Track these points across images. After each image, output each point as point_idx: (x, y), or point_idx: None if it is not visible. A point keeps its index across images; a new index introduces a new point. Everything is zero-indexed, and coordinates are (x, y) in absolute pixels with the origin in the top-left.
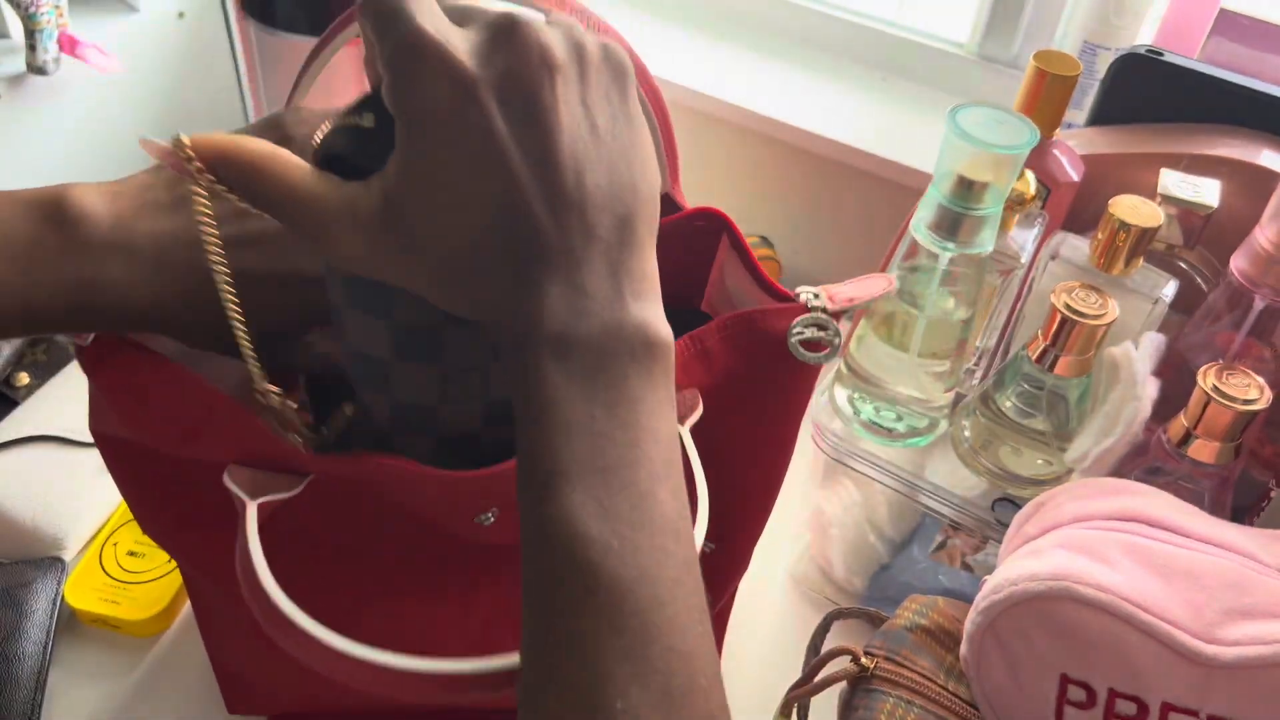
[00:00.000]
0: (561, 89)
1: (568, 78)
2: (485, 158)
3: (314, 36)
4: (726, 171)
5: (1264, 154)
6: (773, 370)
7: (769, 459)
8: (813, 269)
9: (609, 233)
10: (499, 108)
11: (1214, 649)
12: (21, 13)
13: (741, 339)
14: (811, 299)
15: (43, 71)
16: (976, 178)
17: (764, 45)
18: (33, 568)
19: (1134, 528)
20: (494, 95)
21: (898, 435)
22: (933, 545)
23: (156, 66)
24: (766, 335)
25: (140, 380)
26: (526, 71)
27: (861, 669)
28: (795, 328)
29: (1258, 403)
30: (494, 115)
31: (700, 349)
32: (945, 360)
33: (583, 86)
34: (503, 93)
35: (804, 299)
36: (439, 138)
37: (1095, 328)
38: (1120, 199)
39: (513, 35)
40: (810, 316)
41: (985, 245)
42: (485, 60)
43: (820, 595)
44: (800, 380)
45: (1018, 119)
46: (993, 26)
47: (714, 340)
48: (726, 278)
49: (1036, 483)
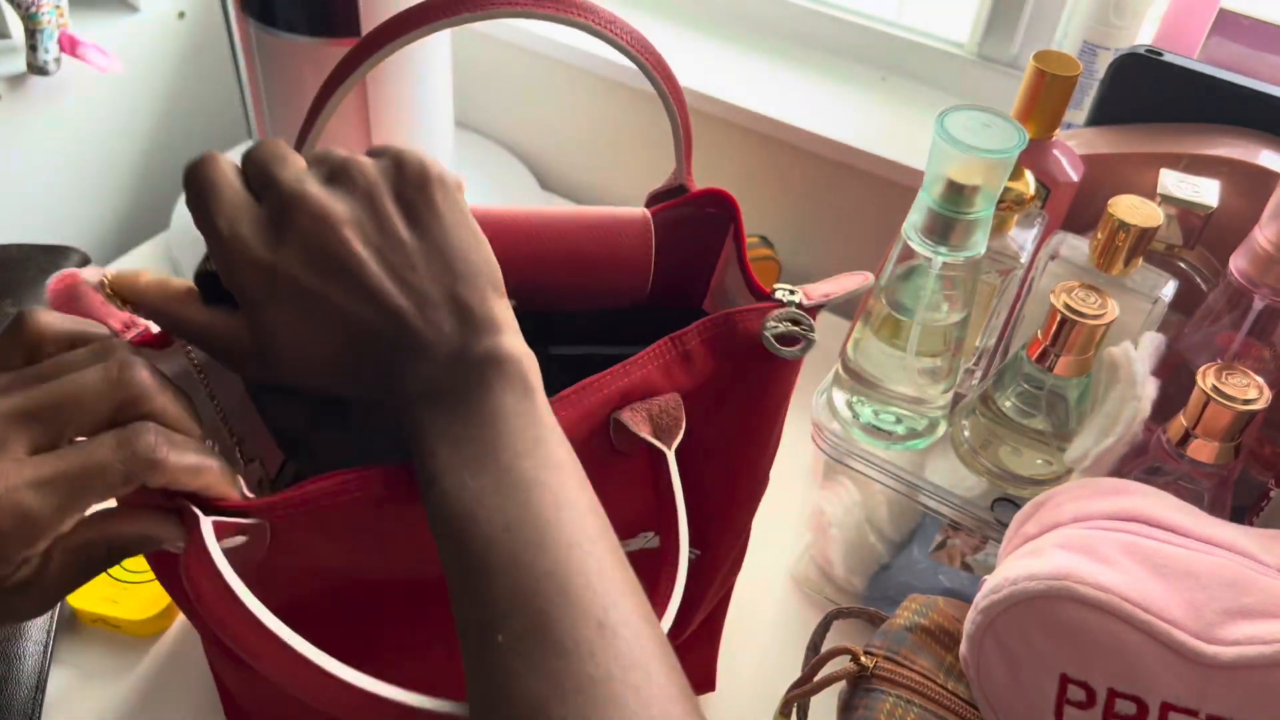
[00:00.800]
0: (350, 232)
1: (354, 220)
2: (311, 312)
3: (314, 37)
4: (727, 171)
5: (1263, 154)
6: (752, 369)
7: (751, 459)
8: (813, 269)
9: (444, 300)
10: (303, 271)
11: (1214, 649)
12: (22, 13)
13: (721, 341)
14: (787, 295)
15: (43, 71)
16: (966, 181)
17: (764, 45)
18: None
19: (1134, 527)
20: (296, 264)
21: (897, 438)
22: (932, 545)
23: (156, 66)
24: (746, 335)
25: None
26: (314, 235)
27: (861, 668)
28: (769, 322)
29: (1257, 403)
30: (301, 279)
31: (682, 351)
32: (943, 360)
33: (374, 217)
34: (302, 259)
35: (779, 295)
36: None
37: (1095, 328)
38: (1120, 199)
39: (295, 207)
40: (784, 311)
41: (978, 248)
42: (278, 239)
43: (820, 595)
44: (780, 378)
45: (1007, 121)
46: (992, 26)
47: (695, 342)
48: (727, 276)
49: (1036, 482)
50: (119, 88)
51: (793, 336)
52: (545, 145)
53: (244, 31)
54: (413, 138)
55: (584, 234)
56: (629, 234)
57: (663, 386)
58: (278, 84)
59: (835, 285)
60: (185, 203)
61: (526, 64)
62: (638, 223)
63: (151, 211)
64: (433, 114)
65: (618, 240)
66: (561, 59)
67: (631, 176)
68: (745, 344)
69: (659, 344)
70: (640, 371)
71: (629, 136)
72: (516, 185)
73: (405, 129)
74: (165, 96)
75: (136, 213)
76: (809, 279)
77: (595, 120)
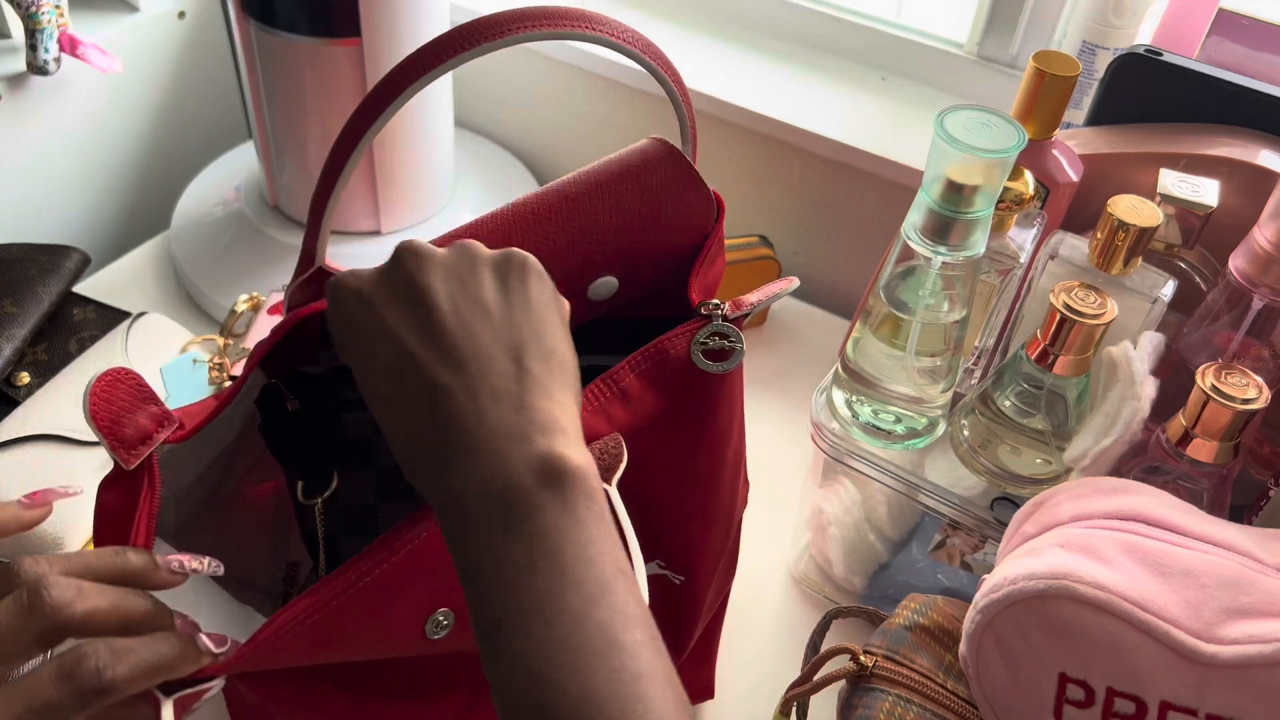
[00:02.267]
0: (436, 272)
1: (447, 265)
2: (381, 341)
3: (314, 37)
4: (727, 171)
5: (1262, 154)
6: (694, 391)
7: (714, 477)
8: (812, 269)
9: (505, 378)
10: (387, 302)
11: (1212, 648)
12: (22, 13)
13: (655, 370)
14: (711, 308)
15: (43, 71)
16: (966, 181)
17: (764, 45)
18: None
19: (1133, 527)
20: (385, 296)
21: (896, 437)
22: (932, 544)
23: (156, 66)
24: (679, 359)
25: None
26: (407, 270)
27: (861, 667)
28: (698, 338)
29: (1256, 402)
30: (383, 308)
31: (616, 390)
32: (942, 360)
33: (468, 271)
34: (392, 292)
35: (705, 311)
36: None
37: (1094, 327)
38: (1119, 199)
39: (402, 252)
40: (711, 326)
41: (977, 248)
42: (383, 277)
43: (819, 594)
44: (722, 392)
45: (1006, 121)
46: (992, 27)
47: (629, 379)
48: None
49: (1035, 482)
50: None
51: (721, 351)
52: (545, 145)
53: (244, 31)
54: (413, 137)
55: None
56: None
57: (603, 430)
58: (278, 84)
59: (760, 294)
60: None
61: (526, 64)
62: (660, 152)
63: (151, 211)
64: (433, 114)
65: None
66: (561, 59)
67: None
68: (680, 368)
69: (591, 388)
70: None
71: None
72: (516, 185)
73: (406, 129)
74: (165, 96)
75: (136, 213)
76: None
77: (595, 120)
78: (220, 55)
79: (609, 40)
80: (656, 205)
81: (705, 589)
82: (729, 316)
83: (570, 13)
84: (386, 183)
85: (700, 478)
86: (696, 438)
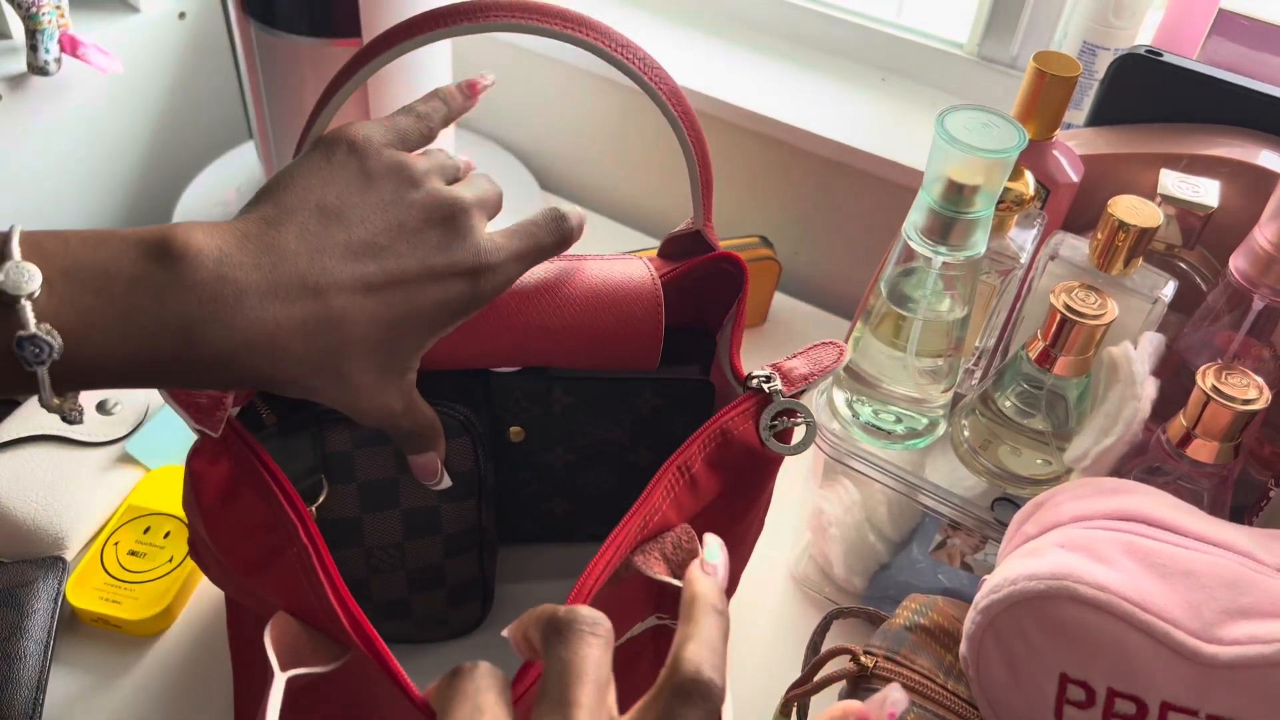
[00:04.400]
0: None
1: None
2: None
3: (314, 37)
4: (727, 171)
5: (1263, 154)
6: (751, 472)
7: (742, 544)
8: (812, 269)
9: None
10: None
11: (1213, 648)
12: (22, 13)
13: (719, 453)
14: (765, 383)
15: (44, 72)
16: (967, 181)
17: (764, 45)
18: (34, 567)
19: (1133, 527)
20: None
21: (896, 437)
22: (932, 545)
23: (157, 66)
24: (742, 441)
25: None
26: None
27: (861, 668)
28: (764, 421)
29: (1257, 402)
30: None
31: (688, 479)
32: (943, 360)
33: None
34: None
35: (756, 384)
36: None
37: (1094, 328)
38: (1119, 199)
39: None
40: (775, 406)
41: (978, 248)
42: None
43: (820, 595)
44: (770, 468)
45: (1007, 121)
46: (992, 27)
47: (698, 464)
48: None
49: (1036, 482)
50: (119, 88)
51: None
52: (545, 145)
53: (244, 31)
54: None
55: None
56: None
57: (674, 520)
58: (278, 84)
59: (811, 365)
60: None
61: (526, 64)
62: (647, 296)
63: (151, 212)
64: None
65: (628, 315)
66: (561, 59)
67: (632, 176)
68: (743, 450)
69: (669, 477)
70: (656, 516)
71: (629, 136)
72: (516, 185)
73: None
74: (165, 96)
75: (136, 213)
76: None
77: (595, 120)
78: (220, 55)
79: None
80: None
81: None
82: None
83: (567, 14)
84: None
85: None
86: (743, 510)
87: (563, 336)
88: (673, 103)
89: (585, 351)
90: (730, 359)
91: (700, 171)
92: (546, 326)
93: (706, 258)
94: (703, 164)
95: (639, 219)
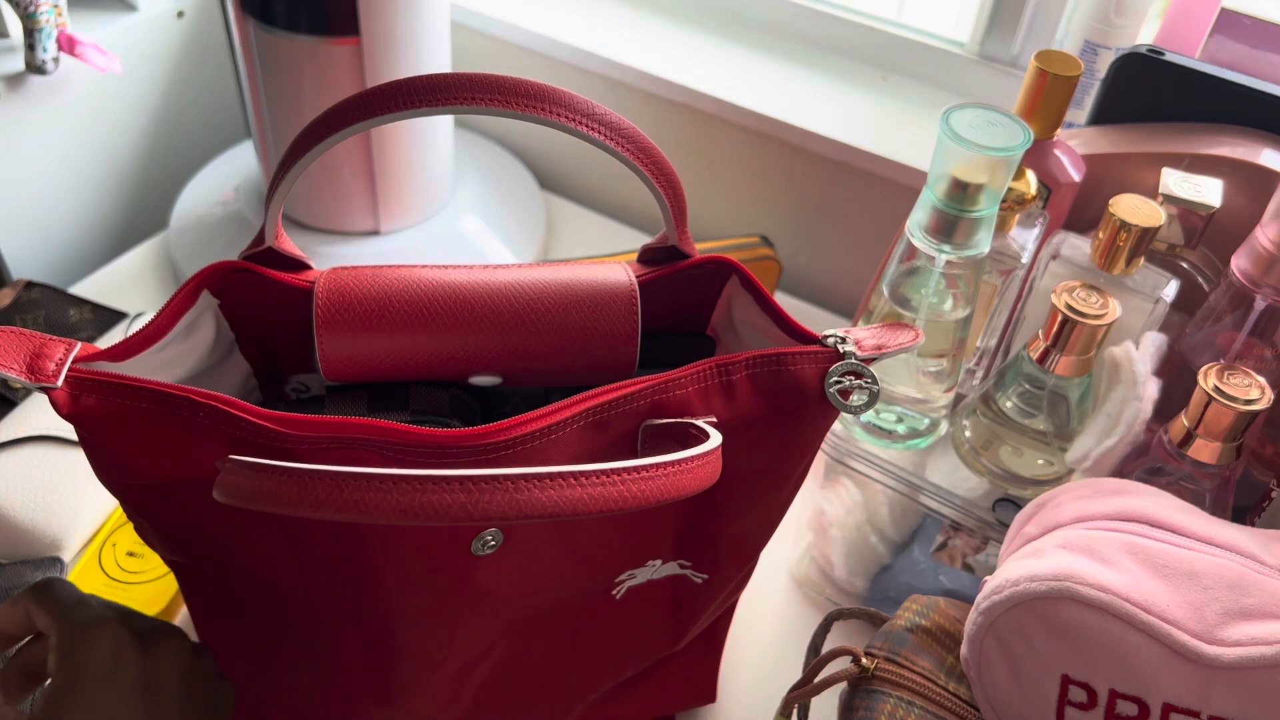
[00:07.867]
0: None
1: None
2: None
3: (314, 36)
4: (727, 171)
5: (1265, 153)
6: (795, 414)
7: (775, 494)
8: (812, 269)
9: None
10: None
11: (1215, 650)
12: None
13: (766, 379)
14: (839, 343)
15: (42, 71)
16: (971, 180)
17: (764, 45)
18: (32, 568)
19: (1135, 528)
20: None
21: (898, 437)
22: (933, 546)
23: (156, 66)
24: (794, 379)
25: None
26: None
27: (862, 669)
28: (833, 376)
29: (1259, 403)
30: None
31: (725, 380)
32: (944, 360)
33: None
34: None
35: (832, 343)
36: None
37: (1096, 328)
38: (1121, 198)
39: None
40: (846, 364)
41: (981, 246)
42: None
43: (821, 596)
44: (820, 424)
45: (1011, 120)
46: (993, 26)
47: (740, 375)
48: (735, 310)
49: (1037, 483)
50: (117, 87)
51: (852, 390)
52: (545, 145)
53: (244, 31)
54: (412, 137)
55: (570, 312)
56: (615, 309)
57: (699, 410)
58: (278, 84)
59: (885, 339)
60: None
61: (526, 63)
62: (624, 296)
63: (151, 211)
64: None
65: (604, 316)
66: (561, 58)
67: (631, 176)
68: (792, 388)
69: (702, 366)
70: (679, 390)
71: None
72: (516, 185)
73: (405, 128)
74: (165, 96)
75: (136, 213)
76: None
77: None
78: (219, 55)
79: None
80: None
81: (719, 591)
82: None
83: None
84: (385, 182)
85: (765, 490)
86: (779, 453)
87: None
88: (643, 161)
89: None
90: (792, 325)
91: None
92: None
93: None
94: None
95: (639, 219)
